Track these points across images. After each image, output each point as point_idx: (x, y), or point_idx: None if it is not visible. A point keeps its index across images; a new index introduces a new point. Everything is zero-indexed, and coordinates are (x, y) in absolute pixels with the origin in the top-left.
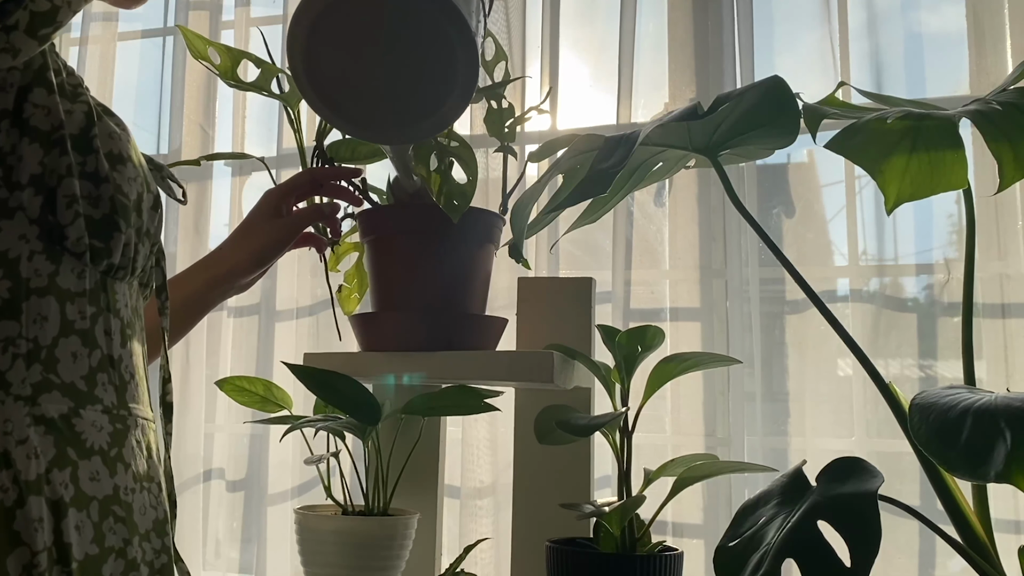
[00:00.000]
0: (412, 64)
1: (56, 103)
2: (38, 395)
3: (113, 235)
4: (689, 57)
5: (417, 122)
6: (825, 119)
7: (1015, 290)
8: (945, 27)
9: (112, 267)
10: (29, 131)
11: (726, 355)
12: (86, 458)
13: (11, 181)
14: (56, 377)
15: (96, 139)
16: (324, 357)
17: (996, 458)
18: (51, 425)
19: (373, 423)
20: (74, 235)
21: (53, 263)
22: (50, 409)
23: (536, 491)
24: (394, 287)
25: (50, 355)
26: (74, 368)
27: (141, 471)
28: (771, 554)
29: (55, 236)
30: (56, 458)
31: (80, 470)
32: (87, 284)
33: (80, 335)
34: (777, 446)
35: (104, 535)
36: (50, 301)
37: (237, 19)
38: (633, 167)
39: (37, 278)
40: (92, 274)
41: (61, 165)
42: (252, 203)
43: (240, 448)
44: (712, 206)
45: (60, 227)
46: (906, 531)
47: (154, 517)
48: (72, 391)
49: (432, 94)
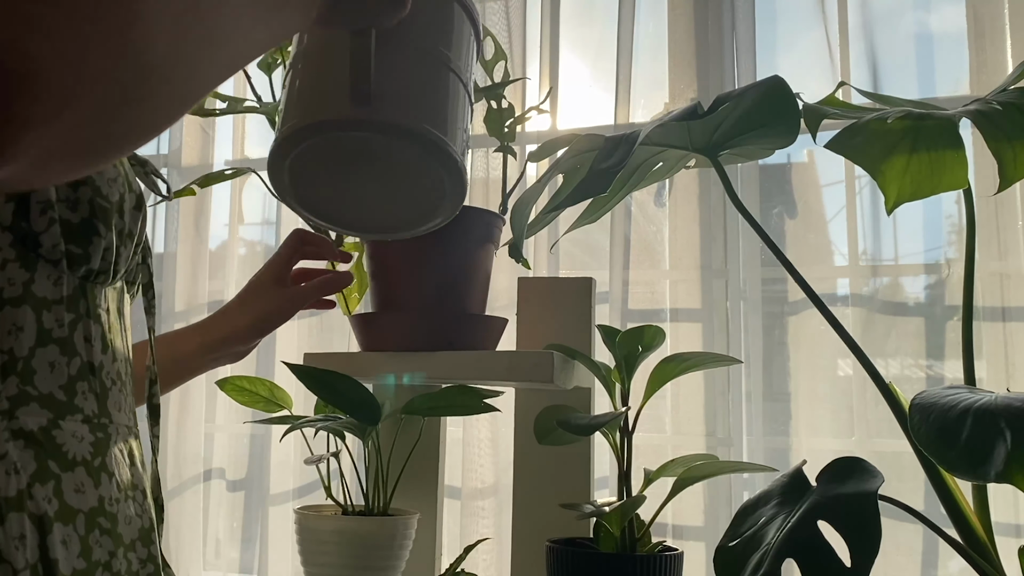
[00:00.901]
0: (398, 179)
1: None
2: (15, 408)
3: (92, 240)
4: (690, 57)
5: (415, 222)
6: (825, 119)
7: (1015, 290)
8: (945, 27)
9: (92, 272)
10: None
11: (726, 355)
12: (69, 470)
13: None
14: (33, 389)
15: None
16: (324, 357)
17: (996, 458)
18: (30, 439)
19: (373, 423)
20: (48, 242)
21: (27, 271)
22: (29, 422)
23: (536, 491)
24: (394, 287)
25: (26, 366)
26: (52, 378)
27: (125, 480)
28: (771, 554)
29: (29, 243)
30: (37, 472)
31: (63, 483)
32: (64, 291)
33: (58, 343)
34: (777, 446)
35: (91, 548)
36: (25, 310)
37: None
38: (633, 167)
39: (10, 287)
40: (70, 280)
41: None
42: (252, 203)
43: (240, 448)
44: (712, 206)
45: (35, 234)
46: (906, 531)
47: (139, 526)
48: (51, 402)
49: (423, 200)
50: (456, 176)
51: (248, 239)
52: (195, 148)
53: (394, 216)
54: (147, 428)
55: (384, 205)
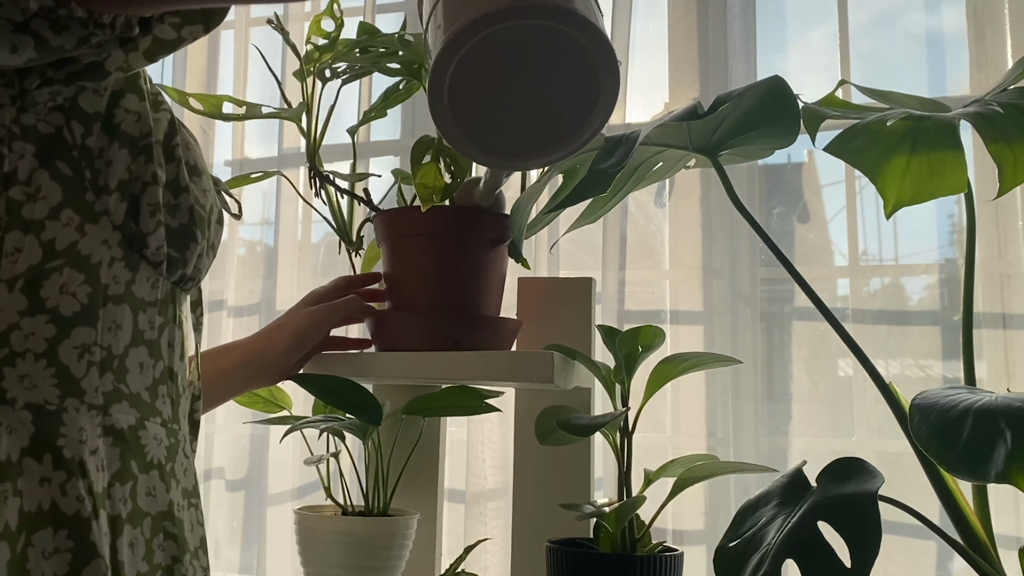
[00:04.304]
0: (551, 88)
1: (146, 110)
2: (109, 405)
3: (189, 245)
4: (690, 56)
5: (560, 144)
6: (825, 120)
7: (1016, 290)
8: (945, 27)
9: (184, 278)
10: (119, 136)
11: (727, 355)
12: (146, 472)
13: (98, 185)
14: (126, 387)
15: (178, 148)
16: (322, 358)
17: (996, 458)
18: (119, 436)
19: (376, 423)
20: (155, 244)
21: (131, 271)
22: (120, 420)
23: (536, 491)
24: (405, 288)
25: (121, 364)
26: (140, 379)
27: (189, 487)
28: (771, 555)
29: (135, 244)
30: (119, 472)
31: (139, 484)
32: (159, 294)
33: (148, 345)
34: (777, 446)
35: (154, 552)
36: (125, 309)
37: (237, 19)
38: (633, 167)
39: (115, 285)
40: (164, 284)
41: (147, 172)
42: (252, 203)
43: (240, 448)
44: (713, 206)
45: (142, 235)
46: (906, 531)
47: (201, 535)
48: (139, 402)
49: (574, 114)
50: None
51: (248, 239)
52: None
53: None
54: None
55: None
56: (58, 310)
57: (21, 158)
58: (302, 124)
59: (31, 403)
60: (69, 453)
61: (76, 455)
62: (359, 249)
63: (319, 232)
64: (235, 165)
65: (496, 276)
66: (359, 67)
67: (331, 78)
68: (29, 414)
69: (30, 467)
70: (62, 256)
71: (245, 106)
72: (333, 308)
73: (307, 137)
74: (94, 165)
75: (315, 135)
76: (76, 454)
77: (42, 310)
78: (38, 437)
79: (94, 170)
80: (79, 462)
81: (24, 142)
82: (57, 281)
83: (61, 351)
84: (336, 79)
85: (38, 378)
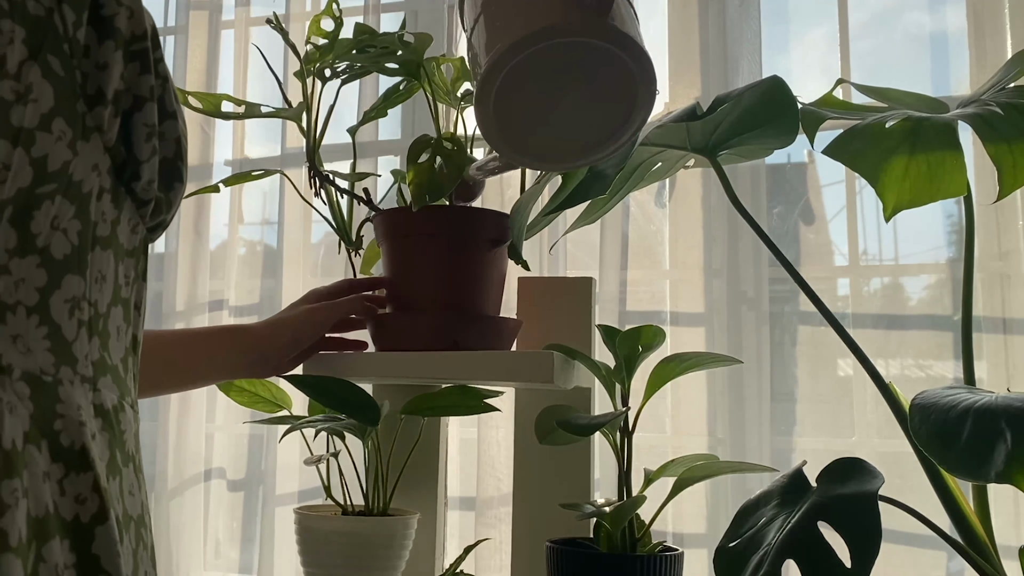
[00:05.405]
0: (588, 97)
1: (140, 5)
2: (97, 378)
3: (174, 186)
4: (691, 57)
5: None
6: (824, 121)
7: (1016, 290)
8: (945, 27)
9: (161, 225)
10: (112, 32)
11: (727, 355)
12: (126, 466)
13: (88, 93)
14: (108, 357)
15: (163, 63)
16: (321, 358)
17: (996, 458)
18: (107, 419)
19: (373, 424)
20: (147, 176)
21: (116, 208)
22: (107, 398)
23: (536, 491)
24: (405, 288)
25: (105, 327)
26: (117, 347)
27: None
28: (771, 555)
29: (125, 174)
30: (110, 464)
31: (123, 481)
32: (136, 242)
33: (123, 305)
34: (778, 446)
35: (137, 565)
36: (109, 256)
37: (237, 19)
38: (632, 167)
39: (103, 224)
40: (140, 231)
41: (142, 85)
42: (252, 203)
43: (240, 448)
44: (713, 206)
45: (136, 163)
46: (906, 531)
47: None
48: (117, 376)
49: (607, 124)
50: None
51: (248, 239)
52: (194, 148)
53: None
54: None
55: (570, 130)
56: (49, 251)
57: (10, 43)
58: (302, 124)
59: (27, 372)
60: (67, 440)
61: (76, 441)
62: (359, 249)
63: (319, 232)
64: (235, 165)
65: (496, 276)
66: (359, 67)
67: (331, 78)
68: (27, 387)
69: (32, 457)
70: (54, 180)
71: (244, 105)
72: (335, 306)
73: (307, 137)
74: (83, 66)
75: (315, 135)
76: (76, 440)
77: (33, 249)
78: (37, 418)
79: (83, 72)
80: (79, 449)
81: (13, 22)
82: (49, 212)
83: (53, 305)
84: (336, 79)
85: (31, 339)
